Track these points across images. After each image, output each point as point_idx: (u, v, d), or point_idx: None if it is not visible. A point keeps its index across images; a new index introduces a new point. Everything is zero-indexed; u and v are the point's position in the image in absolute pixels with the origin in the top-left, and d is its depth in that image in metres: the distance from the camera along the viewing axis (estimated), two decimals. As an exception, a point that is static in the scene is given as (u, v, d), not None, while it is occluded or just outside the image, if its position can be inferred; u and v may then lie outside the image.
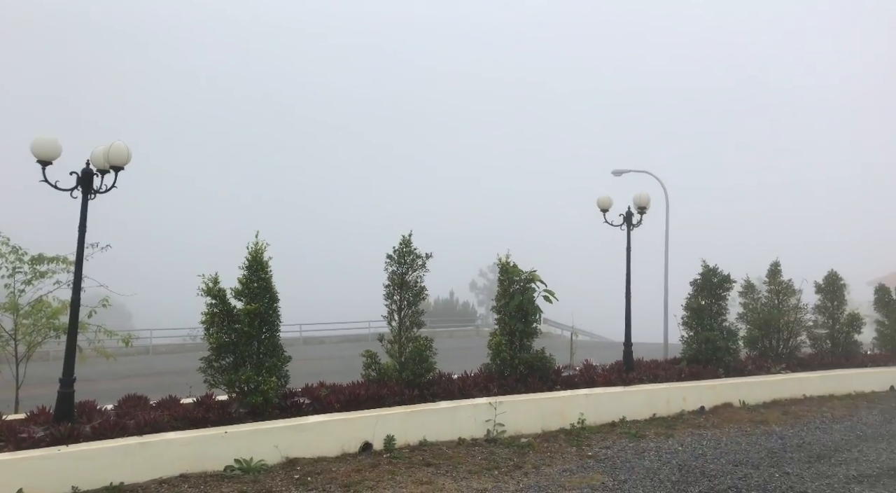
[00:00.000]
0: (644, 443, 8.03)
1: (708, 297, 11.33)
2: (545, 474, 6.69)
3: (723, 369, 10.82)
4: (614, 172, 23.03)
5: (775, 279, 12.49)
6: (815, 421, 9.39)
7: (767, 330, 12.20)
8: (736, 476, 6.67)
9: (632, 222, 10.87)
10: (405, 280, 8.52)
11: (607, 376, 9.90)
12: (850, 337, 12.87)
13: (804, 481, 6.56)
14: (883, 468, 7.03)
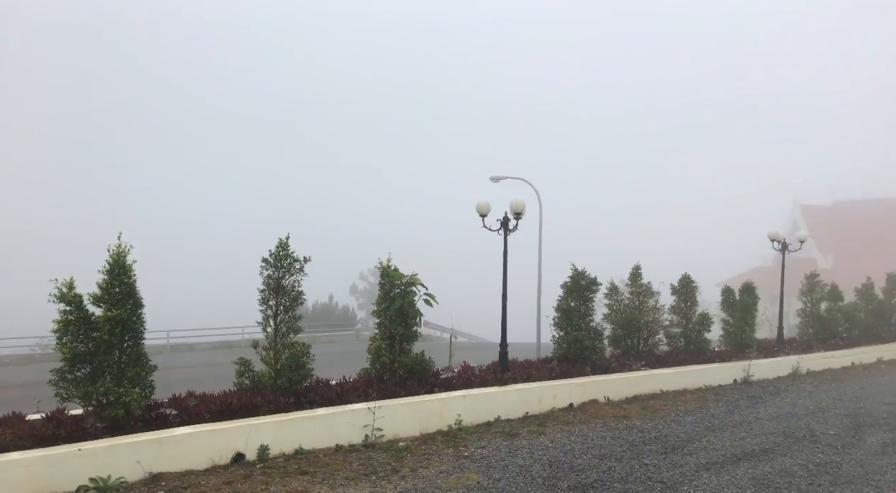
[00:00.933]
0: (518, 441, 8.32)
1: (577, 299, 11.94)
2: (422, 476, 6.76)
3: (590, 367, 11.44)
4: (492, 179, 23.72)
5: (636, 282, 13.38)
6: (671, 414, 10.15)
7: (629, 329, 13.04)
8: (601, 470, 7.08)
9: (508, 228, 11.24)
10: (282, 285, 8.29)
11: (484, 376, 10.16)
12: (701, 335, 14.04)
13: (661, 471, 7.08)
14: (727, 456, 7.72)
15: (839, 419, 9.86)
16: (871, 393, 12.09)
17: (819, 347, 15.99)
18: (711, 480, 6.76)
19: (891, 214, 44.57)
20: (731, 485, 6.61)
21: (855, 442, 8.43)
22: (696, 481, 6.73)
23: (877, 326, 18.51)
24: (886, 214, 44.97)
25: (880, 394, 12.00)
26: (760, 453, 7.86)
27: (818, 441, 8.47)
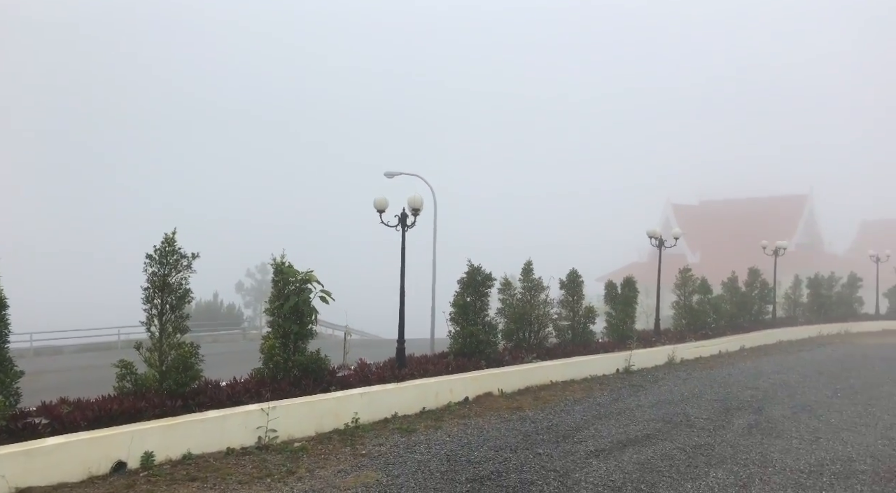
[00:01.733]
0: (415, 437, 8.35)
1: (473, 294, 12.14)
2: (319, 476, 6.62)
3: (485, 360, 11.68)
4: (386, 174, 23.65)
5: (528, 277, 13.80)
6: (561, 404, 10.56)
7: (521, 323, 13.43)
8: (497, 461, 7.24)
9: (406, 224, 11.23)
10: (168, 282, 7.83)
11: (381, 373, 10.10)
12: (587, 327, 14.71)
13: (553, 459, 7.34)
14: (614, 442, 8.13)
15: (711, 403, 10.66)
16: (737, 379, 13.17)
17: (691, 337, 17.23)
18: (600, 466, 7.10)
19: (751, 212, 48.81)
20: (618, 470, 6.96)
21: (725, 425, 9.14)
22: (587, 467, 7.04)
23: (740, 316, 20.22)
24: (747, 213, 49.20)
25: (744, 380, 13.09)
26: (643, 438, 8.34)
27: (693, 425, 9.10)
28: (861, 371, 14.21)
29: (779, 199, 51.42)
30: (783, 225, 46.97)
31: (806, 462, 7.30)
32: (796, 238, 47.37)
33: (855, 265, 33.25)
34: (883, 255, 27.85)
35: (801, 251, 45.79)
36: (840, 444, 8.09)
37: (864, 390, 11.92)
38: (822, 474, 6.89)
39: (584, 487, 6.43)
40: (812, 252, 47.26)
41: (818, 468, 7.11)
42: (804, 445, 8.05)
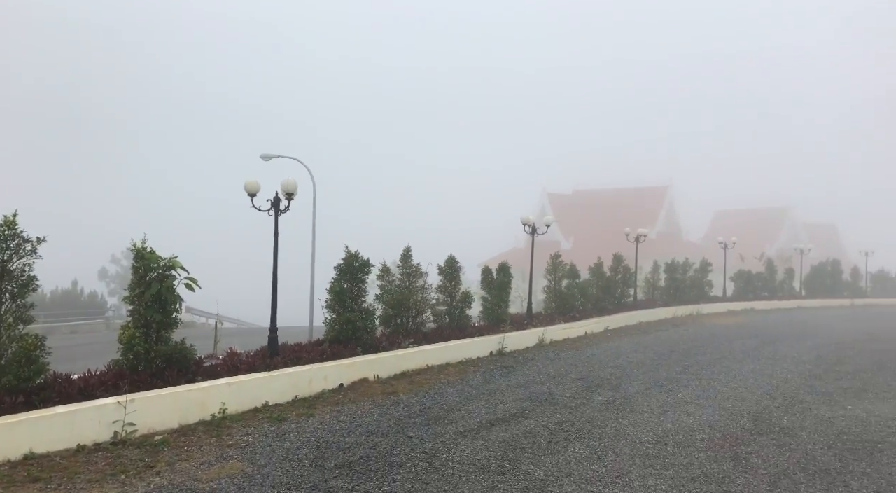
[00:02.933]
0: (286, 425, 8.22)
1: (350, 281, 12.08)
2: (180, 470, 6.37)
3: (361, 347, 11.67)
4: (263, 157, 22.85)
5: (407, 263, 13.93)
6: (435, 387, 10.79)
7: (399, 309, 13.54)
8: (368, 446, 7.30)
9: (279, 208, 10.94)
10: (8, 269, 7.16)
11: (251, 362, 9.84)
12: (464, 312, 15.09)
13: (423, 441, 7.50)
14: (482, 422, 8.43)
15: (574, 382, 11.29)
16: (599, 359, 14.03)
17: (560, 319, 18.13)
18: (468, 445, 7.34)
19: (618, 202, 51.87)
20: (485, 449, 7.24)
21: (586, 402, 9.73)
22: (455, 448, 7.26)
23: (605, 300, 21.51)
24: (615, 202, 52.24)
25: (606, 359, 13.98)
26: (510, 417, 8.71)
27: (557, 403, 9.61)
28: (707, 349, 15.60)
29: (643, 189, 55.02)
30: (647, 214, 50.34)
31: (653, 434, 7.94)
32: (658, 226, 50.99)
33: (707, 252, 36.34)
34: (730, 242, 30.64)
35: (662, 239, 49.33)
36: (684, 416, 8.85)
37: (709, 366, 13.10)
38: (667, 443, 7.52)
39: (451, 466, 6.63)
40: (671, 239, 51.06)
41: (664, 438, 7.75)
42: (653, 418, 8.74)
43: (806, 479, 6.33)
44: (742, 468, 6.67)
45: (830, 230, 70.37)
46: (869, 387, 10.87)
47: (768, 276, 33.72)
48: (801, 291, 36.15)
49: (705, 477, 6.38)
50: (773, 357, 14.22)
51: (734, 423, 8.47)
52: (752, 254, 39.33)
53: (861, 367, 12.96)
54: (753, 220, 60.00)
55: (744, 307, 29.27)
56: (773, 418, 8.74)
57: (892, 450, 7.26)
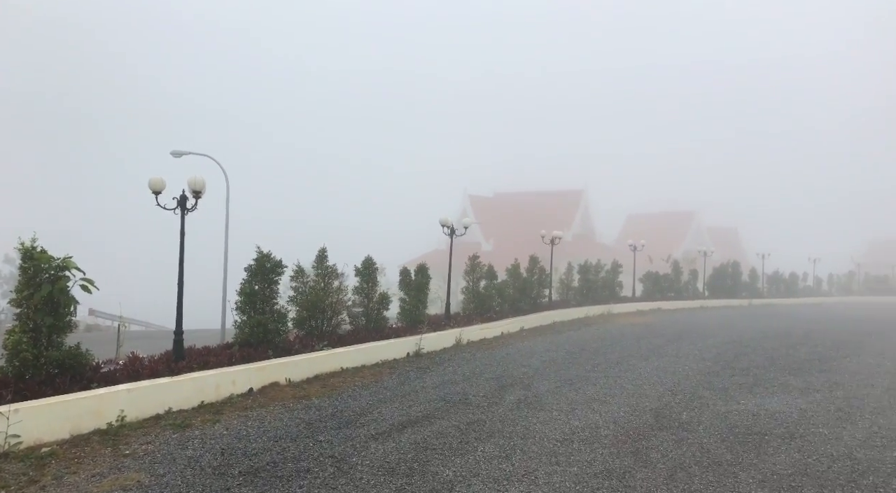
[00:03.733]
0: (189, 432, 7.91)
1: (262, 282, 11.75)
2: (69, 483, 6.00)
3: (272, 350, 11.38)
4: (173, 153, 21.93)
5: (322, 264, 13.70)
6: (349, 390, 10.66)
7: (314, 311, 13.30)
8: (275, 451, 7.12)
9: (186, 207, 10.52)
10: None
11: (154, 367, 9.41)
12: (381, 314, 15.00)
13: (333, 445, 7.39)
14: (395, 424, 8.40)
15: (488, 382, 11.44)
16: (514, 358, 14.28)
17: (478, 320, 18.34)
18: (379, 448, 7.29)
19: (538, 205, 53.09)
20: (396, 451, 7.21)
21: (498, 401, 9.87)
22: (365, 451, 7.19)
23: (521, 300, 21.93)
24: (535, 205, 53.45)
25: (520, 358, 14.25)
26: (423, 418, 8.72)
27: (470, 403, 9.70)
28: (616, 348, 16.17)
29: (562, 193, 56.60)
30: (564, 217, 51.78)
31: (561, 431, 8.14)
32: (573, 229, 52.55)
33: (619, 254, 37.74)
34: (640, 244, 31.93)
35: (577, 241, 50.88)
36: (591, 413, 9.13)
37: (617, 364, 13.58)
38: (573, 441, 7.74)
39: (360, 470, 6.57)
40: (586, 241, 52.73)
41: (570, 435, 7.96)
42: (562, 416, 8.97)
43: (700, 471, 6.66)
44: (642, 462, 6.94)
45: (732, 233, 74.71)
46: (760, 382, 11.56)
47: (674, 277, 35.36)
48: (705, 291, 38.13)
49: (608, 473, 6.59)
50: (676, 355, 14.90)
51: (637, 419, 8.81)
52: (660, 256, 41.17)
53: (755, 363, 13.77)
54: (663, 223, 62.89)
55: (651, 307, 30.57)
56: (674, 413, 9.15)
57: (777, 441, 7.74)
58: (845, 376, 12.20)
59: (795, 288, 46.56)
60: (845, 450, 7.39)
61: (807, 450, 7.38)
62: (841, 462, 6.94)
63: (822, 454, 7.24)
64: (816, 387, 11.12)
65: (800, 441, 7.73)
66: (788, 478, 6.46)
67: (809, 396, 10.40)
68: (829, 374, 12.48)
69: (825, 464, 6.88)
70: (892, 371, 12.97)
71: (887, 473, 6.63)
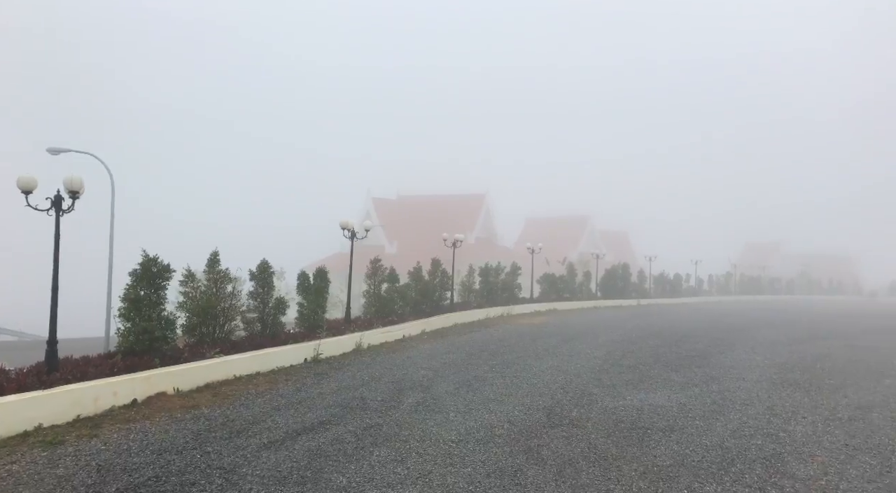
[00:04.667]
0: (62, 449, 7.36)
1: (147, 287, 11.15)
2: (-83, 513, 5.43)
3: (159, 358, 10.82)
4: (50, 151, 20.33)
5: (214, 268, 13.17)
6: (241, 399, 10.30)
7: (205, 317, 12.77)
8: (158, 465, 6.76)
9: (62, 208, 9.80)
10: None
11: (23, 380, 8.69)
12: (277, 319, 14.61)
13: (222, 456, 7.12)
14: (289, 432, 8.20)
15: (387, 386, 11.40)
16: (414, 361, 14.32)
17: (379, 323, 18.24)
18: (270, 458, 7.09)
19: (441, 208, 53.54)
20: (288, 459, 7.04)
21: (396, 405, 9.86)
22: (256, 461, 6.97)
23: (423, 303, 22.03)
24: (438, 208, 53.86)
25: (421, 361, 14.30)
26: (318, 425, 8.56)
27: (368, 408, 9.63)
28: (514, 348, 16.58)
29: (465, 197, 57.38)
30: (467, 220, 52.55)
31: (457, 432, 8.24)
32: (476, 232, 53.44)
33: (519, 257, 38.74)
34: (537, 247, 32.94)
35: (479, 244, 51.78)
36: (487, 413, 9.30)
37: (514, 363, 13.92)
38: (469, 441, 7.85)
39: (249, 481, 6.36)
40: (487, 244, 53.77)
41: (466, 436, 8.08)
42: (459, 417, 9.08)
43: (587, 466, 6.94)
44: (534, 460, 7.15)
45: (623, 237, 78.62)
46: (645, 379, 12.20)
47: (570, 279, 36.74)
48: (597, 292, 39.87)
49: (500, 472, 6.74)
50: (569, 354, 15.47)
51: (531, 417, 9.07)
52: (556, 259, 42.68)
53: (641, 361, 14.53)
54: (560, 227, 65.20)
55: (548, 308, 31.60)
56: (565, 411, 9.49)
57: (658, 435, 8.20)
58: (720, 371, 13.12)
59: (679, 288, 49.63)
60: (717, 440, 7.94)
61: (684, 442, 7.86)
62: (713, 452, 7.45)
63: (698, 445, 7.74)
64: (695, 382, 11.88)
65: (678, 434, 8.22)
66: (667, 469, 6.86)
67: (688, 390, 11.09)
68: (706, 369, 13.36)
69: (700, 454, 7.36)
70: (761, 365, 14.08)
71: (752, 460, 7.19)
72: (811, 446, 7.75)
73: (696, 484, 6.42)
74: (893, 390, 11.41)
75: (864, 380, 12.34)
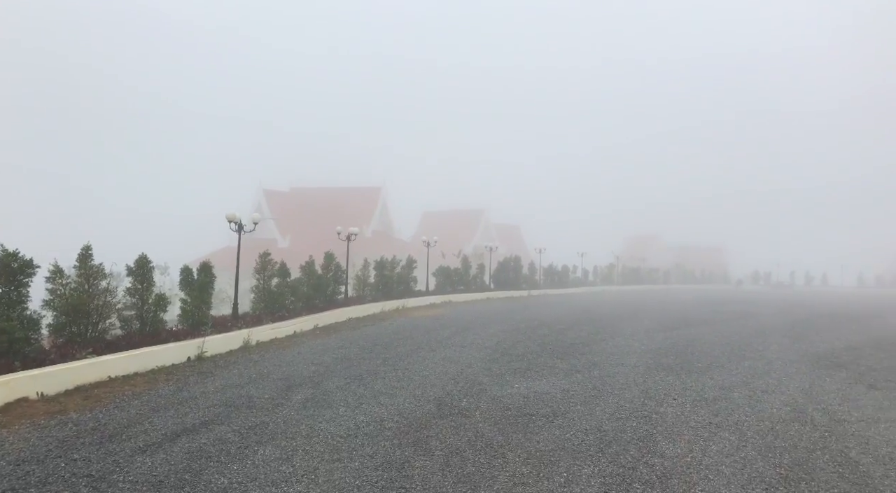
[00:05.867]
0: None
1: (6, 284, 10.24)
2: None
3: (20, 361, 9.96)
4: None
5: (86, 264, 12.29)
6: (116, 401, 9.68)
7: (76, 315, 11.90)
8: (15, 477, 6.22)
9: None
10: None
11: None
12: (157, 316, 13.85)
13: (90, 463, 6.66)
14: (167, 434, 7.79)
15: (275, 383, 11.10)
16: (305, 357, 14.03)
17: (268, 319, 17.72)
18: (146, 462, 6.72)
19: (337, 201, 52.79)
20: (166, 463, 6.70)
21: (284, 402, 9.62)
22: (129, 466, 6.58)
23: (316, 297, 21.65)
24: (334, 200, 53.07)
25: (312, 357, 14.04)
26: (200, 426, 8.20)
27: (254, 406, 9.33)
28: (408, 341, 16.64)
29: (361, 189, 56.87)
30: (363, 213, 52.12)
31: (346, 427, 8.16)
32: (372, 225, 53.14)
33: (415, 250, 38.95)
34: (433, 240, 33.24)
35: (376, 237, 51.54)
36: (378, 407, 9.28)
37: (407, 356, 13.97)
38: (357, 436, 7.80)
39: (121, 488, 6.00)
40: (384, 237, 53.63)
41: (355, 431, 8.02)
42: (348, 411, 9.00)
43: (473, 455, 7.08)
44: (422, 451, 7.21)
45: (515, 230, 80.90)
46: (533, 367, 12.62)
47: (464, 271, 37.37)
48: (491, 284, 40.82)
49: (388, 464, 6.74)
50: (462, 345, 15.72)
51: (420, 409, 9.13)
52: (452, 251, 43.26)
53: (529, 350, 15.02)
54: (456, 220, 66.12)
55: (443, 300, 32.00)
56: (455, 401, 9.64)
57: (542, 421, 8.50)
58: (602, 357, 13.80)
59: (567, 279, 51.82)
60: (596, 424, 8.35)
61: (566, 427, 8.20)
62: (592, 435, 7.83)
63: (578, 429, 8.10)
64: (578, 368, 12.43)
65: (561, 419, 8.57)
66: (549, 454, 7.13)
67: (572, 376, 11.58)
68: (589, 356, 14.02)
69: (579, 438, 7.71)
70: (638, 351, 14.95)
71: (626, 441, 7.61)
72: (680, 426, 8.31)
73: (575, 467, 6.72)
74: (752, 370, 12.46)
75: (728, 362, 13.40)
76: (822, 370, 12.49)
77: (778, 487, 6.21)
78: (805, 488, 6.20)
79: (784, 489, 6.17)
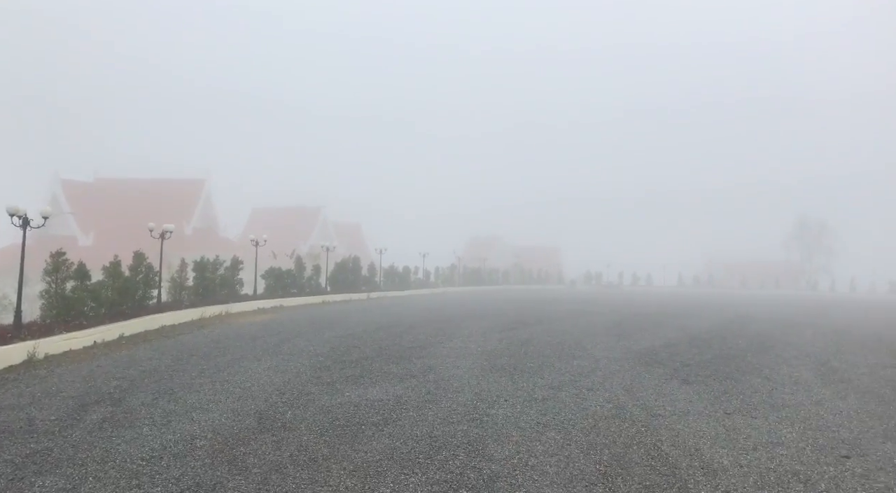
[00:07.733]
0: None
1: None
2: None
3: None
4: None
5: None
6: None
7: None
8: None
9: None
10: None
11: None
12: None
13: None
14: None
15: (65, 401, 9.61)
16: (106, 371, 12.40)
17: (62, 328, 15.49)
18: None
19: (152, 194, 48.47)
20: None
21: (75, 423, 8.32)
22: None
23: (123, 303, 19.42)
24: (148, 194, 48.67)
25: (114, 370, 12.44)
26: (-43, 459, 6.76)
27: (36, 430, 7.96)
28: (229, 350, 15.39)
29: (180, 182, 52.70)
30: (183, 208, 48.37)
31: (150, 448, 7.19)
32: (194, 222, 49.51)
33: (243, 249, 36.81)
34: (262, 239, 31.56)
35: (198, 235, 48.08)
36: (189, 423, 8.31)
37: (227, 366, 12.85)
38: (163, 457, 6.89)
39: None
40: (207, 236, 50.21)
41: (161, 451, 7.08)
42: (154, 430, 7.96)
43: (295, 471, 6.50)
44: (237, 470, 6.50)
45: (356, 229, 80.00)
46: (367, 373, 12.16)
47: (298, 273, 35.93)
48: (327, 286, 39.72)
49: (196, 487, 5.98)
50: (291, 353, 14.84)
51: (239, 424, 8.33)
52: (284, 251, 41.51)
53: (364, 355, 14.52)
54: (290, 218, 63.79)
55: (273, 305, 30.46)
56: (278, 413, 8.92)
57: (372, 430, 8.09)
58: (438, 361, 13.69)
59: (408, 281, 52.01)
60: (428, 429, 8.11)
61: (396, 435, 7.86)
62: (423, 442, 7.56)
63: (409, 436, 7.80)
64: (413, 373, 12.18)
65: (392, 427, 8.22)
66: (376, 464, 6.74)
67: (406, 382, 11.30)
68: (425, 359, 13.85)
69: (410, 445, 7.40)
70: (474, 352, 15.07)
71: (456, 446, 7.44)
72: (509, 427, 8.32)
73: (402, 476, 6.39)
74: (580, 369, 12.99)
75: (559, 362, 13.89)
76: (642, 367, 13.33)
77: (597, 484, 6.34)
78: (621, 483, 6.38)
79: (602, 485, 6.30)
